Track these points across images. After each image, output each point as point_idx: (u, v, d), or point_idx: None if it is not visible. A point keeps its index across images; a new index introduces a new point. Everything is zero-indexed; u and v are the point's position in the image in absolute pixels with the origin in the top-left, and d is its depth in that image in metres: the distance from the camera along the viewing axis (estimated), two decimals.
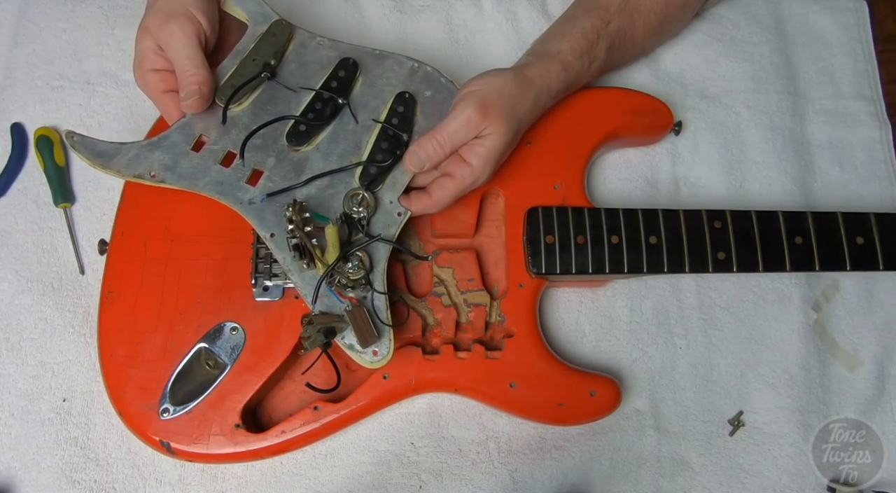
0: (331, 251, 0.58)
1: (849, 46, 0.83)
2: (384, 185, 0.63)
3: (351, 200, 0.62)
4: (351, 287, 0.59)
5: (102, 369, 0.63)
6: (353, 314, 0.58)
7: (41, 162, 0.72)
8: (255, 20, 0.66)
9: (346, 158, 0.63)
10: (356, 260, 0.60)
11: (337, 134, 0.64)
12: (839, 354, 0.73)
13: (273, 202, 0.61)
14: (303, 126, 0.64)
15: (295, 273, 0.60)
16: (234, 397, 0.62)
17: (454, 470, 0.66)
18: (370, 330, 0.58)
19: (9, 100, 0.75)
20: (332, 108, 0.64)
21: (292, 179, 0.62)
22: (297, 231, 0.57)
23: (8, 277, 0.70)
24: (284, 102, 0.65)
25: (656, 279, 0.73)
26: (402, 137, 0.64)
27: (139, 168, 0.62)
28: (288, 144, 0.63)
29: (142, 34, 0.62)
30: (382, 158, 0.63)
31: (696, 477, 0.68)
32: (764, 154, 0.78)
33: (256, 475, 0.65)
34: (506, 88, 0.63)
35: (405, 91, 0.66)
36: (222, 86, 0.64)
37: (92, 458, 0.65)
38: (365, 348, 0.59)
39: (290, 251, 0.59)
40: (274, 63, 0.65)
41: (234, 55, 0.65)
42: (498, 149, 0.62)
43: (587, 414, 0.64)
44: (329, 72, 0.66)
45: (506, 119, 0.62)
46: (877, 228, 0.68)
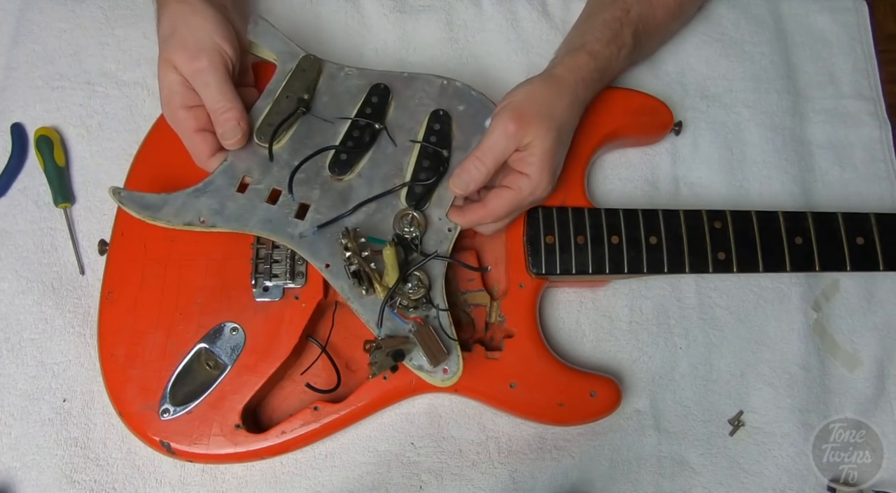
0: (390, 273, 0.59)
1: (849, 46, 0.83)
2: (431, 203, 0.64)
3: (401, 221, 0.63)
4: (413, 307, 0.60)
5: (102, 369, 0.63)
6: (420, 334, 0.58)
7: (41, 162, 0.72)
8: (283, 59, 0.67)
9: (388, 182, 0.64)
10: (415, 280, 0.60)
11: (377, 159, 0.65)
12: (839, 353, 0.73)
13: (324, 234, 0.62)
14: (343, 155, 0.64)
15: (355, 300, 0.60)
16: (234, 397, 0.62)
17: (454, 470, 0.66)
18: (440, 348, 0.58)
19: (9, 100, 0.75)
20: (370, 134, 0.65)
21: (339, 208, 0.63)
22: (354, 257, 0.57)
23: (8, 277, 0.70)
24: (322, 134, 0.65)
25: (656, 279, 0.73)
26: (442, 153, 0.65)
27: (188, 216, 0.62)
28: (331, 175, 0.64)
29: (166, 69, 0.61)
30: (426, 177, 0.64)
31: (696, 477, 0.68)
32: (764, 154, 0.78)
33: (256, 475, 0.65)
34: (537, 92, 0.63)
35: (439, 108, 0.66)
36: (260, 126, 0.64)
37: (92, 458, 0.65)
38: (436, 368, 0.59)
39: (348, 279, 0.60)
40: (307, 97, 0.66)
41: (266, 95, 0.66)
42: (547, 153, 0.61)
43: (587, 414, 0.64)
44: (362, 99, 0.66)
45: (544, 122, 0.61)
46: (877, 229, 0.68)
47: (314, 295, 0.64)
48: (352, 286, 0.60)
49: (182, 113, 0.61)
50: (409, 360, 0.59)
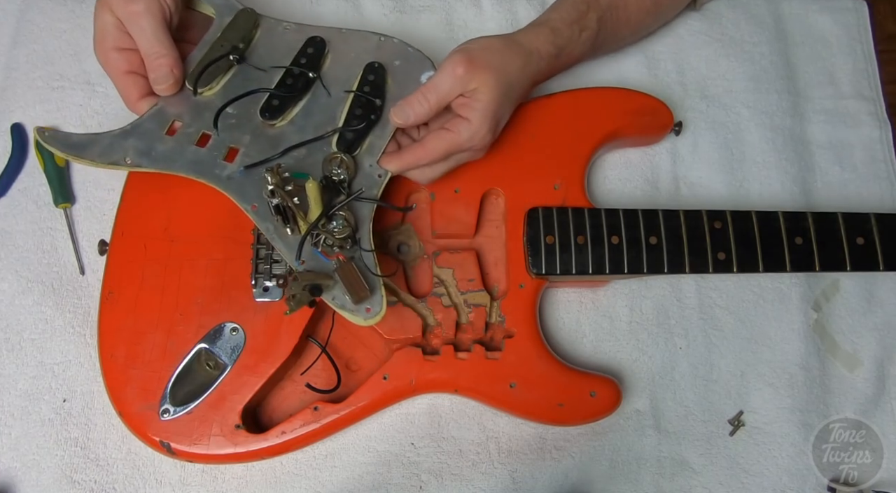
0: (313, 209, 0.58)
1: (849, 46, 0.83)
2: (362, 149, 0.64)
3: (330, 164, 0.63)
4: (339, 247, 0.59)
5: (102, 369, 0.63)
6: (341, 269, 0.57)
7: (41, 162, 0.72)
8: (221, 12, 0.68)
9: (321, 130, 0.64)
10: (341, 219, 0.60)
11: (310, 108, 0.65)
12: (839, 354, 0.73)
13: (252, 175, 0.62)
14: (276, 100, 0.65)
15: (279, 240, 0.60)
16: (234, 397, 0.62)
17: (454, 470, 0.67)
18: (361, 284, 0.57)
19: (9, 100, 0.75)
20: (303, 82, 0.65)
21: (269, 153, 0.63)
22: (277, 191, 0.56)
23: (8, 277, 0.70)
24: (256, 82, 0.65)
25: (656, 279, 0.73)
26: (374, 102, 0.65)
27: (114, 156, 0.62)
28: (262, 120, 0.64)
29: (102, 8, 0.61)
30: (357, 123, 0.64)
31: (696, 477, 0.68)
32: (764, 154, 0.78)
33: (256, 475, 0.65)
34: (493, 45, 0.63)
35: (374, 61, 0.67)
36: (192, 72, 0.64)
37: (92, 458, 0.65)
38: (358, 305, 0.58)
39: (273, 216, 0.59)
40: (242, 47, 0.66)
41: (201, 45, 0.66)
42: (492, 103, 0.61)
43: (587, 414, 0.64)
44: (297, 50, 0.67)
45: (494, 73, 0.61)
46: (877, 229, 0.68)
47: None
48: (277, 226, 0.60)
49: (114, 54, 0.62)
50: (332, 299, 0.58)
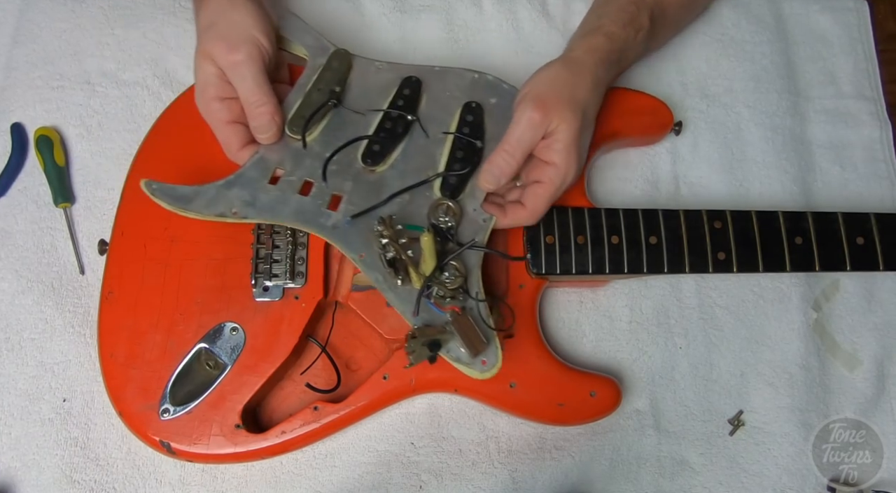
0: (427, 261, 0.58)
1: (849, 46, 0.83)
2: (465, 193, 0.64)
3: (437, 211, 0.62)
4: (450, 297, 0.59)
5: (102, 369, 0.63)
6: (458, 323, 0.57)
7: (41, 162, 0.72)
8: (314, 54, 0.67)
9: (421, 173, 0.64)
10: (452, 270, 0.60)
11: (410, 151, 0.65)
12: (839, 353, 0.73)
13: (357, 224, 0.61)
14: (377, 146, 0.64)
15: (390, 291, 0.60)
16: (234, 397, 0.62)
17: (454, 470, 0.67)
18: (478, 337, 0.58)
19: (9, 100, 0.75)
20: (402, 125, 0.65)
21: (372, 199, 0.62)
22: (391, 245, 0.57)
23: (8, 277, 0.70)
24: (353, 126, 0.65)
25: (656, 279, 0.73)
26: (475, 144, 0.65)
27: (220, 207, 0.62)
28: (364, 166, 0.64)
29: (203, 60, 0.61)
30: (460, 168, 0.63)
31: (696, 477, 0.68)
32: (764, 154, 0.78)
33: (256, 475, 0.65)
34: (557, 77, 0.62)
35: (471, 101, 0.66)
36: (292, 118, 0.64)
37: (92, 458, 0.65)
38: (475, 358, 0.58)
39: (384, 268, 0.59)
40: (339, 90, 0.66)
41: (297, 89, 0.66)
42: (573, 139, 0.61)
43: (587, 414, 0.64)
44: (394, 92, 0.67)
45: (568, 107, 0.61)
46: (877, 228, 0.68)
47: (314, 295, 0.64)
48: (387, 276, 0.59)
49: (216, 104, 0.62)
50: (447, 352, 0.58)
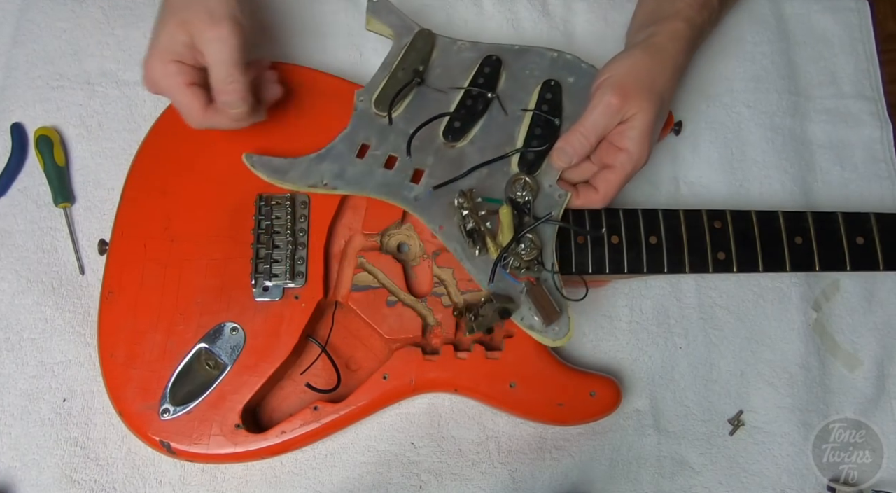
0: (505, 233, 0.61)
1: (850, 46, 0.83)
2: (541, 170, 0.65)
3: (514, 186, 0.64)
4: (525, 268, 0.61)
5: (102, 369, 0.63)
6: (533, 293, 0.60)
7: (41, 162, 0.72)
8: (399, 33, 0.70)
9: (500, 149, 0.66)
10: (527, 242, 0.62)
11: (489, 128, 0.67)
12: (839, 353, 0.73)
13: (438, 197, 0.64)
14: (457, 122, 0.67)
15: (467, 260, 0.62)
16: (234, 397, 0.62)
17: (454, 470, 0.67)
18: (552, 307, 0.60)
19: (9, 100, 0.75)
20: (482, 103, 0.67)
21: (452, 173, 0.65)
22: (471, 216, 0.60)
23: (8, 277, 0.70)
24: (436, 104, 0.68)
25: (656, 279, 0.73)
26: (554, 121, 0.66)
27: (312, 178, 0.65)
28: (444, 142, 0.66)
29: (176, 27, 0.60)
30: (538, 145, 0.65)
31: (696, 477, 0.68)
32: (764, 154, 0.78)
33: (256, 475, 0.66)
34: (639, 65, 0.63)
35: (550, 79, 0.68)
36: (378, 96, 0.67)
37: (92, 458, 0.65)
38: (548, 327, 0.60)
39: (463, 238, 0.62)
40: (422, 69, 0.68)
41: (383, 68, 0.69)
42: (648, 127, 0.62)
43: (587, 414, 0.64)
44: (475, 70, 0.69)
45: (647, 95, 0.61)
46: (877, 228, 0.68)
47: (314, 295, 0.64)
48: (465, 247, 0.62)
49: (173, 67, 0.60)
50: (521, 319, 0.61)
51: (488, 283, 0.61)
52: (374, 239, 0.67)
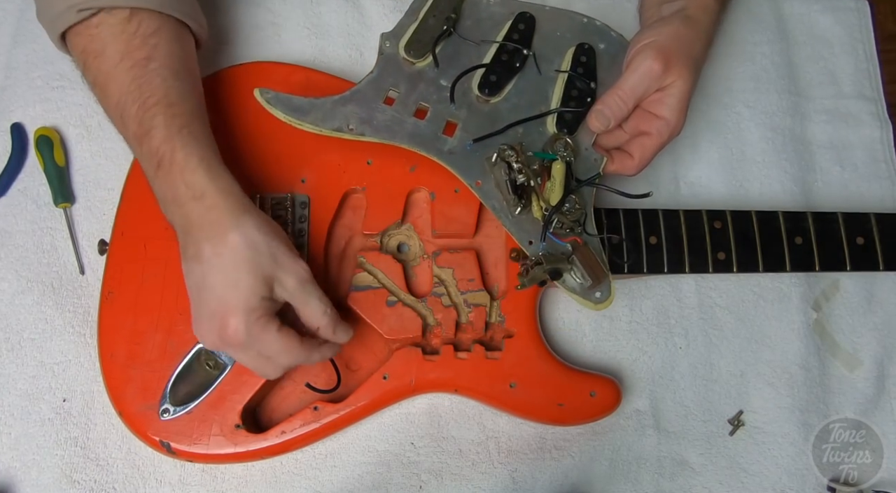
0: (556, 190, 0.60)
1: (850, 46, 0.83)
2: (577, 132, 0.65)
3: (555, 145, 0.63)
4: (569, 229, 0.61)
5: (102, 369, 0.63)
6: (581, 253, 0.59)
7: (41, 162, 0.72)
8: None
9: (533, 108, 0.65)
10: (572, 202, 0.61)
11: (522, 85, 0.66)
12: (839, 353, 0.73)
13: (474, 151, 0.63)
14: (493, 76, 0.65)
15: (506, 218, 0.62)
16: (234, 397, 0.62)
17: (454, 470, 0.67)
18: (600, 267, 0.60)
19: (9, 100, 0.75)
20: (519, 58, 0.66)
21: (486, 128, 0.63)
22: (525, 169, 0.59)
23: (8, 277, 0.69)
24: (467, 55, 0.66)
25: (656, 279, 0.73)
26: (589, 85, 0.66)
27: (336, 121, 0.62)
28: (479, 95, 0.65)
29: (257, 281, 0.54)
30: (576, 105, 0.65)
31: (696, 477, 0.68)
32: (764, 154, 0.78)
33: (256, 475, 0.65)
34: (680, 33, 0.63)
35: (584, 42, 0.67)
36: (408, 41, 0.64)
37: (92, 458, 0.65)
38: (592, 289, 0.60)
39: (508, 194, 0.60)
40: (454, 17, 0.66)
41: (410, 13, 0.66)
42: (686, 96, 0.62)
43: (587, 414, 0.64)
44: (508, 25, 0.67)
45: (687, 64, 0.61)
46: (877, 229, 0.68)
47: None
48: (504, 204, 0.61)
49: (264, 321, 0.54)
50: (563, 282, 0.60)
51: (541, 240, 0.60)
52: (373, 239, 0.67)
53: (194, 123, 0.57)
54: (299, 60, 0.72)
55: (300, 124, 0.62)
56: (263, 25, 0.78)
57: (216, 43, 0.77)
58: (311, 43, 0.78)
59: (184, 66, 0.60)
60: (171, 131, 0.55)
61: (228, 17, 0.78)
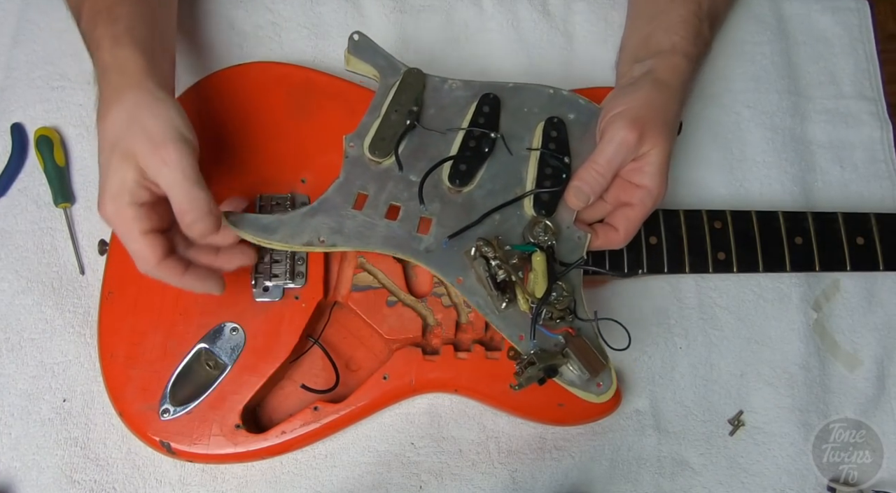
0: (540, 282, 0.57)
1: (850, 46, 0.83)
2: (557, 212, 0.62)
3: (534, 229, 0.60)
4: (559, 318, 0.58)
5: (102, 369, 0.63)
6: (574, 345, 0.56)
7: (41, 162, 0.72)
8: (385, 74, 0.65)
9: (508, 192, 0.62)
10: (559, 290, 0.58)
11: (495, 169, 0.63)
12: (839, 353, 0.73)
13: (454, 247, 0.60)
14: (463, 165, 0.62)
15: (492, 314, 0.59)
16: (234, 397, 0.62)
17: (454, 470, 0.67)
18: (596, 358, 0.56)
19: (9, 100, 0.75)
20: (487, 143, 0.63)
21: (462, 220, 0.61)
22: (504, 266, 0.56)
23: (8, 277, 0.69)
24: (433, 146, 0.63)
25: (656, 279, 0.73)
26: (563, 160, 0.63)
27: (305, 236, 0.60)
28: (451, 187, 0.62)
29: (121, 161, 0.53)
30: (551, 184, 0.62)
31: (696, 477, 0.68)
32: (764, 154, 0.78)
33: (256, 475, 0.65)
34: (651, 100, 0.62)
35: (553, 116, 0.65)
36: (372, 140, 0.62)
37: (92, 458, 0.65)
38: (594, 379, 0.57)
39: (491, 290, 0.57)
40: (416, 109, 0.64)
41: (372, 110, 0.64)
42: (664, 162, 0.60)
43: (587, 414, 0.64)
44: (472, 109, 0.64)
45: (661, 131, 0.60)
46: (877, 229, 0.68)
47: (314, 295, 0.64)
48: (491, 299, 0.58)
49: (131, 211, 0.54)
50: (560, 376, 0.57)
51: (531, 338, 0.57)
52: None
53: (118, 6, 0.59)
54: (299, 60, 0.72)
55: (269, 243, 0.60)
56: (263, 25, 0.78)
57: (216, 43, 0.77)
58: (311, 43, 0.78)
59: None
60: (92, 12, 0.59)
61: (228, 16, 0.78)
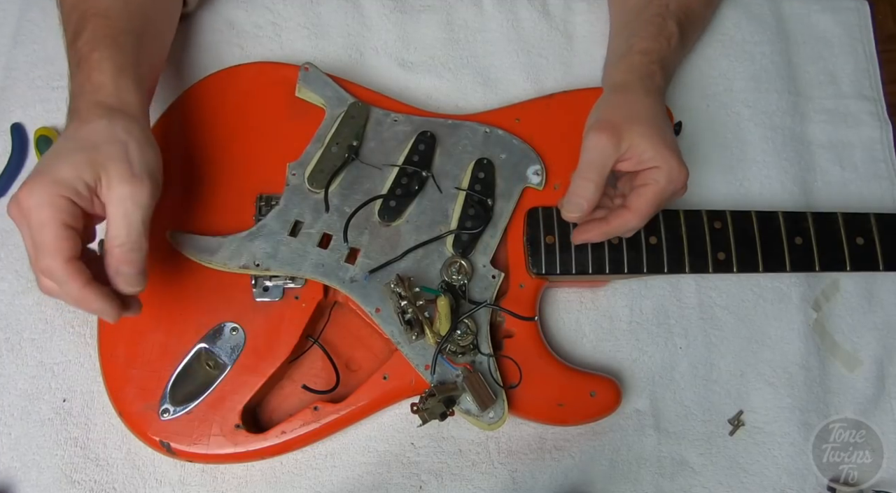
0: (443, 322, 0.60)
1: (850, 46, 0.83)
2: (476, 250, 0.65)
3: (450, 269, 0.64)
4: (461, 353, 0.61)
5: (102, 369, 0.63)
6: (469, 380, 0.60)
7: None
8: (331, 104, 0.68)
9: (435, 228, 0.65)
10: (463, 327, 0.62)
11: (424, 205, 0.66)
12: (839, 353, 0.73)
13: (374, 278, 0.63)
14: (392, 202, 0.65)
15: (405, 345, 0.62)
16: (234, 397, 0.62)
17: (454, 470, 0.67)
18: (487, 394, 0.60)
19: (9, 100, 0.75)
20: (418, 181, 0.66)
21: (388, 253, 0.64)
22: (410, 306, 0.59)
23: (8, 277, 0.69)
24: (370, 180, 0.66)
25: (656, 279, 0.73)
26: (486, 201, 0.66)
27: (242, 259, 0.63)
28: (380, 221, 0.65)
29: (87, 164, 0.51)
30: (472, 225, 0.65)
31: (696, 477, 0.68)
32: (764, 154, 0.78)
33: (256, 475, 0.65)
34: (611, 102, 0.64)
35: (483, 157, 0.67)
36: (312, 172, 0.65)
37: (92, 458, 0.65)
38: (484, 412, 0.60)
39: (401, 325, 0.61)
40: (356, 144, 0.66)
41: (316, 140, 0.67)
42: (657, 144, 0.60)
43: (587, 414, 0.64)
44: (409, 146, 0.67)
45: (631, 124, 0.60)
46: (877, 229, 0.68)
47: (314, 295, 0.64)
48: (402, 332, 0.61)
49: (63, 202, 0.50)
50: (458, 405, 0.61)
51: (430, 373, 0.61)
52: None
53: (124, 37, 0.59)
54: (299, 60, 0.72)
55: (209, 263, 0.62)
56: (263, 25, 0.78)
57: (216, 43, 0.77)
58: (311, 43, 0.78)
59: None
60: (96, 36, 0.58)
61: (228, 16, 0.78)
